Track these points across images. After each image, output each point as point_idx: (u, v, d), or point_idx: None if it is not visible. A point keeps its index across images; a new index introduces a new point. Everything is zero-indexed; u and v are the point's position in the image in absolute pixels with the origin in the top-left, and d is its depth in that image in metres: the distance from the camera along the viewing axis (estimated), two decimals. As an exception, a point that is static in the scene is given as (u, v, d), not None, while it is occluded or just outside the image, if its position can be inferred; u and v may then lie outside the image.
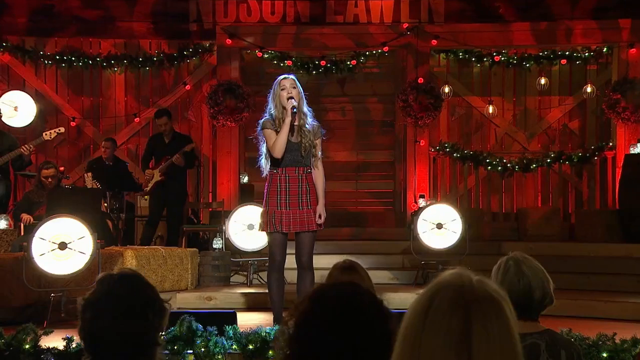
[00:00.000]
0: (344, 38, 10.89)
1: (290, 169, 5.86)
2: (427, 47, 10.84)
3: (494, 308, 1.48)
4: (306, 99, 6.05)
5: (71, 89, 11.59)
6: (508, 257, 3.11)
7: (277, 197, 5.84)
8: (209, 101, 10.41)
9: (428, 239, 8.94)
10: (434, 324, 1.45)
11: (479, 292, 1.49)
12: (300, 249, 5.88)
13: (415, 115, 10.52)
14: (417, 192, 10.56)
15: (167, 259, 8.04)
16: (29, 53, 11.39)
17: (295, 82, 5.91)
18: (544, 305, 3.06)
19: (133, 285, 2.18)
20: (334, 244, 10.03)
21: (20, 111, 10.71)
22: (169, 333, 4.32)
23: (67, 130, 11.40)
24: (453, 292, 1.49)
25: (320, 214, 5.83)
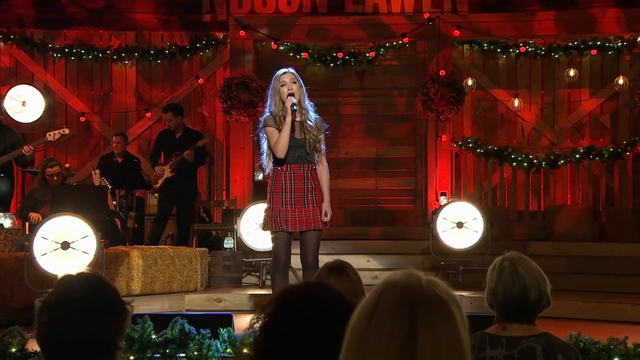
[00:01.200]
0: (362, 29, 10.90)
1: (295, 165, 5.89)
2: (449, 38, 10.82)
3: (441, 310, 1.48)
4: (307, 93, 6.07)
5: (81, 83, 11.70)
6: (503, 257, 3.11)
7: (282, 195, 5.87)
8: (222, 95, 10.46)
9: (448, 238, 8.93)
10: (379, 325, 1.47)
11: (426, 293, 1.50)
12: (305, 249, 5.90)
13: (436, 110, 10.50)
14: (439, 190, 10.54)
15: (175, 259, 8.10)
16: (38, 46, 11.52)
17: (296, 76, 5.94)
18: (541, 307, 3.05)
19: (92, 286, 2.19)
20: (350, 244, 10.06)
21: (28, 106, 10.80)
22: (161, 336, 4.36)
23: (76, 126, 11.54)
24: (399, 293, 1.50)
25: (326, 212, 5.84)
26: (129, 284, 7.76)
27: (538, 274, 3.07)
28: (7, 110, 10.70)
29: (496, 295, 3.06)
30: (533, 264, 3.11)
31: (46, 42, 11.51)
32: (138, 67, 11.64)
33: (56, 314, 2.14)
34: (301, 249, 5.97)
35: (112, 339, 2.16)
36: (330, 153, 11.23)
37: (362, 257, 9.69)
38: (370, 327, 1.48)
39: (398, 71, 11.60)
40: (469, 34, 10.92)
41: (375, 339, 1.46)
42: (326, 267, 3.32)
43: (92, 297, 2.17)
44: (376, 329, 1.47)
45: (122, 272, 7.70)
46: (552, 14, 10.80)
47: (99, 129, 11.65)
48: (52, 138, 9.45)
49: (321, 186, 5.92)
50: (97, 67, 11.63)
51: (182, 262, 8.17)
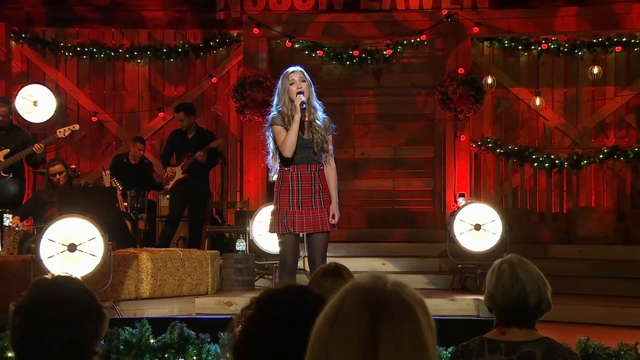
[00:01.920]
0: (379, 26, 10.90)
1: (302, 166, 5.90)
2: (468, 35, 10.79)
3: (405, 314, 1.49)
4: (316, 91, 6.08)
5: (92, 82, 11.79)
6: (502, 260, 3.12)
7: (288, 197, 5.88)
8: (235, 94, 10.50)
9: (465, 241, 8.90)
10: (342, 328, 1.48)
11: (390, 297, 1.50)
12: (313, 251, 5.92)
13: (455, 109, 10.48)
14: (457, 191, 10.52)
15: (185, 262, 8.13)
16: (49, 45, 11.62)
17: (304, 74, 5.95)
18: (541, 311, 3.05)
19: (67, 290, 2.21)
20: (366, 246, 10.08)
21: (39, 106, 10.92)
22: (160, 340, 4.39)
23: (88, 126, 11.63)
24: (363, 296, 1.50)
25: (334, 214, 5.84)
26: (138, 287, 7.80)
27: (538, 277, 3.07)
28: (18, 110, 10.83)
29: (495, 299, 3.06)
30: (533, 267, 3.11)
31: (58, 41, 11.61)
32: (151, 66, 11.71)
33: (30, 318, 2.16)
34: (309, 252, 5.99)
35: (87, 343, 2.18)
36: (347, 153, 11.29)
37: (377, 260, 9.70)
38: (334, 331, 1.49)
39: (416, 69, 11.59)
40: (489, 31, 10.90)
41: (338, 343, 1.47)
42: (321, 270, 3.34)
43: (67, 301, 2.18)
44: (339, 333, 1.48)
45: (130, 275, 7.74)
46: (575, 9, 10.74)
47: (111, 129, 11.73)
48: (63, 135, 9.53)
49: (329, 187, 5.93)
50: (109, 66, 11.71)
51: (192, 264, 8.20)
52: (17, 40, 11.62)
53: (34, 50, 11.67)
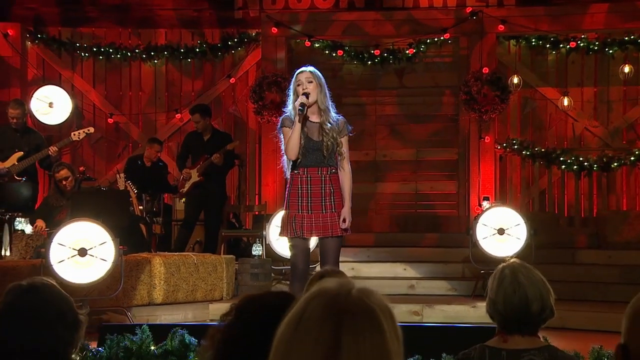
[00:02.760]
0: (401, 24, 10.89)
1: (312, 169, 5.92)
2: (493, 34, 10.76)
3: (369, 321, 1.50)
4: (330, 92, 6.10)
5: (109, 83, 11.89)
6: (504, 266, 3.12)
7: (298, 200, 5.90)
8: (253, 95, 10.55)
9: (488, 245, 8.88)
10: (304, 333, 1.49)
11: (354, 303, 1.51)
12: (324, 257, 5.92)
13: (479, 109, 10.45)
14: (482, 194, 10.48)
15: (199, 267, 8.18)
16: (65, 45, 11.74)
17: (313, 75, 5.96)
18: (543, 318, 3.04)
19: (41, 296, 2.22)
20: (387, 251, 10.07)
21: (55, 107, 11.04)
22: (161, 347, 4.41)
23: (104, 127, 11.73)
24: (326, 301, 1.52)
25: (345, 218, 5.85)
26: (151, 292, 7.86)
27: (541, 283, 3.06)
28: (33, 112, 10.95)
29: (496, 306, 3.06)
30: (536, 273, 3.10)
31: (74, 41, 11.72)
32: (168, 67, 11.79)
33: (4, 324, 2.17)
34: (320, 257, 6.00)
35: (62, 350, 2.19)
36: (368, 155, 11.29)
37: (398, 265, 9.70)
38: (296, 335, 1.50)
39: (439, 69, 11.57)
40: (516, 29, 10.85)
41: (299, 347, 1.49)
42: (317, 276, 3.35)
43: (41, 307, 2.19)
44: (301, 338, 1.49)
45: (143, 280, 7.80)
46: (606, 6, 10.66)
47: (127, 130, 11.82)
48: (77, 138, 9.62)
49: (342, 191, 5.93)
50: (126, 67, 11.80)
51: (206, 269, 8.25)
52: (32, 40, 11.75)
53: (49, 51, 11.78)
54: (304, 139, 5.90)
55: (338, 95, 11.35)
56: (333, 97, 11.03)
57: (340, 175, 5.98)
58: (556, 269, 9.51)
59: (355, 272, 9.63)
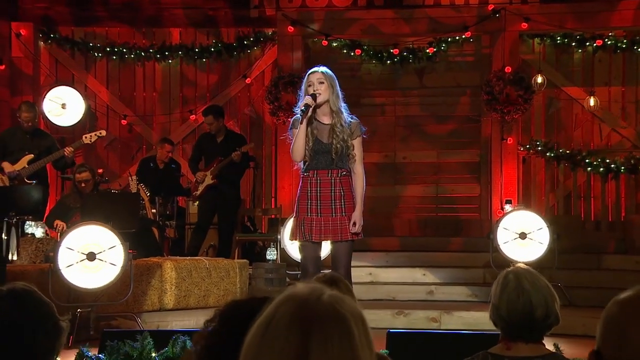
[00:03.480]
0: (421, 23, 10.88)
1: (322, 172, 5.93)
2: (516, 32, 10.72)
3: (338, 327, 1.50)
4: (343, 92, 6.10)
5: (122, 84, 11.96)
6: (508, 271, 3.11)
7: (307, 203, 5.92)
8: (269, 96, 10.58)
9: (510, 250, 8.86)
10: (272, 339, 1.49)
11: (323, 309, 1.51)
12: (335, 261, 5.94)
13: (501, 110, 10.43)
14: (504, 197, 10.45)
15: (211, 272, 8.20)
16: (78, 45, 11.82)
17: (325, 76, 5.96)
18: (548, 325, 3.03)
19: (20, 302, 2.22)
20: (406, 256, 10.06)
21: (68, 109, 11.10)
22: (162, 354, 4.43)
23: (118, 129, 11.80)
24: (295, 307, 1.52)
25: (356, 222, 5.84)
26: (162, 297, 7.89)
27: (546, 289, 3.05)
28: (46, 113, 11.02)
29: (499, 312, 3.05)
30: (541, 278, 3.10)
31: (87, 41, 11.80)
32: (182, 67, 11.85)
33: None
34: (332, 262, 6.01)
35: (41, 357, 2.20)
36: (387, 158, 11.29)
37: (417, 271, 9.68)
38: (264, 341, 1.51)
39: (461, 68, 11.54)
40: (539, 27, 10.81)
41: (267, 353, 1.49)
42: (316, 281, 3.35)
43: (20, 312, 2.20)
44: (269, 344, 1.50)
45: (154, 285, 7.84)
46: (636, 2, 10.59)
47: (141, 132, 11.88)
48: (89, 140, 9.67)
49: (354, 194, 5.93)
50: (140, 67, 11.86)
51: (219, 274, 8.27)
52: (45, 41, 11.84)
53: (62, 51, 11.87)
54: (313, 141, 5.91)
55: (356, 95, 11.40)
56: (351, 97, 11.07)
57: (353, 178, 5.98)
58: (581, 274, 9.48)
59: (373, 277, 9.64)
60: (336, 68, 11.16)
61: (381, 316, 8.19)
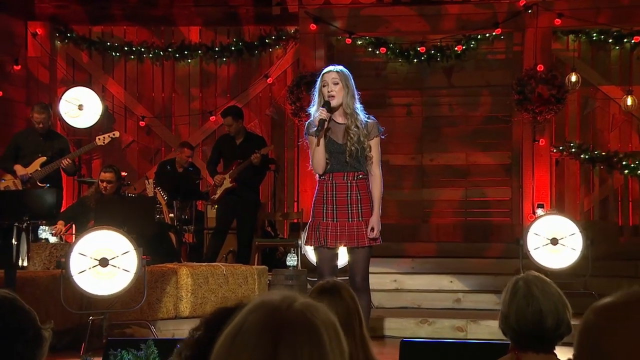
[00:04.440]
0: (450, 19, 10.87)
1: (337, 174, 5.94)
2: (549, 28, 10.68)
3: (308, 336, 1.51)
4: (358, 92, 6.10)
5: (140, 84, 12.05)
6: (518, 278, 3.12)
7: (323, 207, 5.93)
8: (290, 96, 10.62)
9: (540, 257, 8.80)
10: (241, 347, 1.51)
11: (294, 317, 1.53)
12: (352, 268, 5.94)
13: (533, 110, 10.39)
14: (536, 201, 10.40)
15: (228, 278, 8.23)
16: (95, 44, 11.92)
17: (340, 75, 5.97)
18: (559, 334, 3.03)
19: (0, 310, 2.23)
20: (432, 262, 10.05)
21: (84, 110, 11.20)
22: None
23: (136, 131, 11.89)
24: (265, 315, 1.53)
25: (374, 227, 5.84)
26: (177, 305, 7.93)
27: (557, 297, 3.05)
28: (62, 115, 11.13)
29: (508, 320, 3.06)
30: (553, 286, 3.09)
31: (104, 41, 11.90)
32: (202, 66, 11.91)
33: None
34: (349, 269, 6.02)
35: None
36: (414, 160, 11.28)
37: (444, 278, 9.67)
38: (233, 349, 1.52)
39: (491, 67, 11.51)
40: (574, 23, 10.75)
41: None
42: (317, 288, 3.36)
43: (0, 321, 2.20)
44: (238, 352, 1.51)
45: (169, 292, 7.88)
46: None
47: (159, 134, 11.96)
48: (102, 142, 9.74)
49: (371, 198, 5.93)
50: (158, 67, 11.94)
51: (236, 281, 8.30)
52: (62, 40, 11.96)
53: (79, 51, 11.98)
54: (327, 140, 5.91)
55: (382, 95, 11.43)
56: (376, 97, 11.18)
57: (370, 181, 5.97)
58: (617, 282, 9.40)
59: (398, 284, 9.63)
60: (361, 67, 11.33)
61: (404, 325, 8.19)
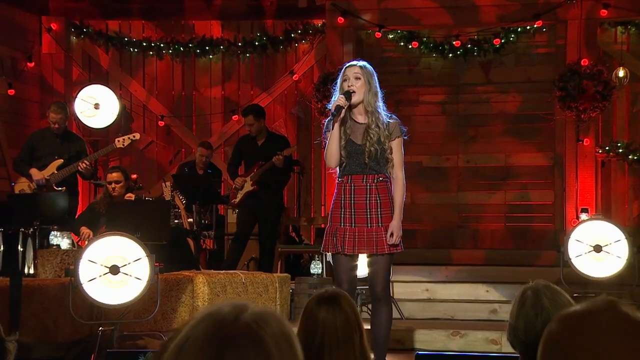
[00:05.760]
0: (487, 11, 10.83)
1: (356, 177, 5.95)
2: (595, 20, 10.61)
3: (254, 351, 1.52)
4: (382, 91, 6.11)
5: (160, 82, 12.14)
6: (527, 287, 3.13)
7: (340, 211, 5.94)
8: (316, 94, 10.66)
9: (583, 265, 8.75)
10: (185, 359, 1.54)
11: (240, 330, 1.54)
12: (372, 277, 5.95)
13: (576, 108, 10.32)
14: (579, 205, 10.34)
15: (248, 287, 8.27)
16: (112, 40, 12.03)
17: (363, 71, 5.98)
18: (570, 348, 3.01)
19: None
20: (468, 270, 10.04)
21: (101, 109, 11.30)
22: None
23: (155, 131, 11.98)
24: (211, 327, 1.55)
25: (394, 233, 5.84)
26: (193, 315, 7.97)
27: (568, 307, 3.03)
28: (77, 114, 11.23)
29: (516, 332, 3.06)
30: (564, 295, 3.10)
31: (122, 36, 12.00)
32: (224, 62, 11.98)
33: None
34: (369, 278, 6.03)
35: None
36: (449, 161, 11.26)
37: (480, 287, 9.65)
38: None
39: (532, 61, 11.46)
40: (622, 14, 10.67)
41: (180, 376, 1.54)
42: (315, 298, 3.39)
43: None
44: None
45: (184, 302, 7.93)
46: None
47: (180, 134, 12.04)
48: (122, 145, 9.82)
49: (392, 202, 5.93)
50: (179, 64, 12.03)
51: (256, 290, 8.34)
52: (78, 36, 12.08)
53: (96, 47, 12.09)
54: (345, 141, 5.94)
55: (414, 92, 11.43)
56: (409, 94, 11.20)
57: (391, 184, 5.98)
58: (668, 292, 9.32)
59: (430, 294, 9.63)
60: (392, 62, 11.35)
61: (434, 337, 8.19)
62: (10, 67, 11.46)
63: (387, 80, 11.17)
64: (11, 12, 11.43)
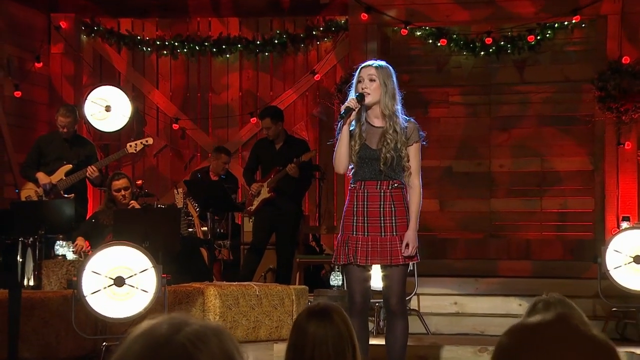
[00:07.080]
0: (522, 6, 10.79)
1: (370, 183, 5.93)
2: (637, 14, 10.54)
3: None
4: (402, 94, 6.08)
5: (174, 82, 12.17)
6: (538, 299, 3.12)
7: (353, 220, 5.92)
8: (339, 95, 10.63)
9: (622, 277, 8.68)
10: None
11: (174, 352, 1.52)
12: (386, 289, 5.93)
13: (617, 109, 10.27)
14: (620, 213, 10.26)
15: (262, 299, 8.27)
16: (125, 39, 12.08)
17: (378, 72, 5.96)
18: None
19: None
20: (500, 282, 9.97)
21: (112, 112, 11.33)
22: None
23: (169, 134, 12.01)
24: (144, 347, 1.53)
25: (409, 243, 5.81)
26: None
27: (580, 322, 3.00)
28: (88, 117, 11.26)
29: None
30: (576, 309, 3.07)
31: (134, 34, 12.04)
32: (242, 62, 11.99)
33: None
34: (383, 290, 6.00)
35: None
36: (481, 166, 11.21)
37: (512, 300, 9.57)
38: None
39: (569, 59, 11.38)
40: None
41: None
42: (306, 311, 3.37)
43: None
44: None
45: (194, 315, 7.93)
46: None
47: (195, 137, 12.06)
48: (134, 150, 9.84)
49: (407, 210, 5.90)
50: (194, 63, 12.05)
51: (271, 302, 8.33)
52: (88, 34, 12.14)
53: (107, 46, 12.15)
54: (360, 145, 5.92)
55: (444, 92, 11.39)
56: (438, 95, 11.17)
57: (407, 191, 5.95)
58: None
59: (459, 308, 9.57)
60: (419, 61, 11.32)
61: (460, 354, 8.10)
62: (17, 68, 11.50)
63: (415, 80, 11.21)
64: (18, 9, 11.47)
